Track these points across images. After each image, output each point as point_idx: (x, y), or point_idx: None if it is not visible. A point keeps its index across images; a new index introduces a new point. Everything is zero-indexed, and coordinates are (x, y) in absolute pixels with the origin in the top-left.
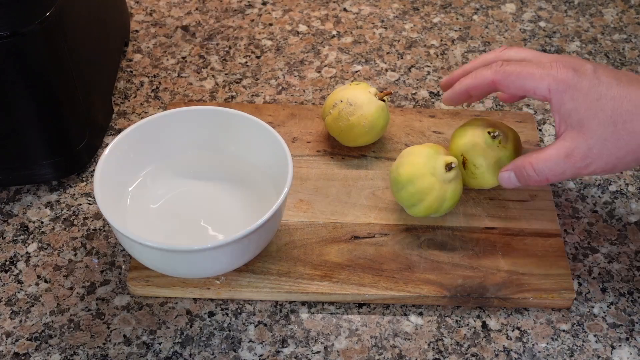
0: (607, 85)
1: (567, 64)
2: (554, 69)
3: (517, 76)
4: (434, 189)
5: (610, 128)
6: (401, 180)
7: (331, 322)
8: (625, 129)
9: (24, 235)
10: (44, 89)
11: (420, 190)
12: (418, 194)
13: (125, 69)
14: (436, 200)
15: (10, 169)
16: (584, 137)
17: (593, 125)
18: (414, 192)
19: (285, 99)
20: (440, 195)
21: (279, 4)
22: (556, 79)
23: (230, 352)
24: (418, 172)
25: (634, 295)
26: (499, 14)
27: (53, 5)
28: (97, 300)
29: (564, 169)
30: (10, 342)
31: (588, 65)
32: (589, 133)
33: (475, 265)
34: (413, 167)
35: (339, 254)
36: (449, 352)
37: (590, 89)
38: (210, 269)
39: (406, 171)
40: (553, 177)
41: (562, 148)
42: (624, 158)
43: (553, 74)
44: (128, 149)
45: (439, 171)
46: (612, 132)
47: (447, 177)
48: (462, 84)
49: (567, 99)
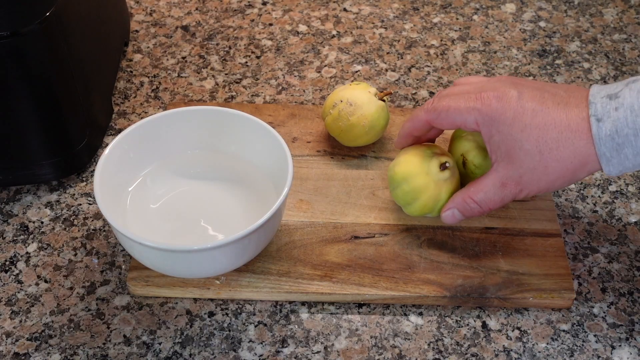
0: (532, 114)
1: (492, 93)
2: (478, 101)
3: (446, 113)
4: (429, 188)
5: (537, 157)
6: (396, 179)
7: (331, 322)
8: (552, 157)
9: (24, 235)
10: (44, 89)
11: (415, 189)
12: (412, 193)
13: (125, 69)
14: (431, 200)
15: (10, 169)
16: (514, 167)
17: (520, 156)
18: (409, 190)
19: (285, 99)
20: (435, 194)
21: (279, 4)
22: (481, 112)
23: (230, 352)
24: (413, 170)
25: (634, 295)
26: (499, 14)
27: (53, 5)
28: (97, 300)
29: (501, 196)
30: (10, 342)
31: (513, 92)
32: (518, 163)
33: (475, 265)
34: (408, 166)
35: (339, 254)
36: (449, 352)
37: (515, 120)
38: (210, 269)
39: (401, 170)
40: (494, 205)
41: (496, 178)
42: (554, 182)
43: (478, 108)
44: (128, 149)
45: (433, 170)
46: (539, 160)
47: (441, 177)
48: (404, 128)
49: (494, 132)
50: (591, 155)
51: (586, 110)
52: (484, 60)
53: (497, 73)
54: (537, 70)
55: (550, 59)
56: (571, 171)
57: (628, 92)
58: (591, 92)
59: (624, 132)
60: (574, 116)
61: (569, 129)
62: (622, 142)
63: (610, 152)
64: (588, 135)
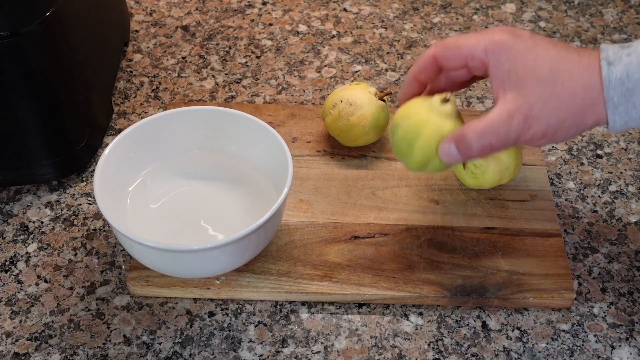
0: (544, 47)
1: (504, 29)
2: (489, 33)
3: (454, 45)
4: (430, 122)
5: (550, 87)
6: (396, 120)
7: (331, 322)
8: (565, 89)
9: (24, 235)
10: (44, 88)
11: (415, 123)
12: (414, 129)
13: (125, 69)
14: (433, 135)
15: (10, 169)
16: (525, 97)
17: (532, 85)
18: (409, 125)
19: (285, 99)
20: (438, 128)
21: (279, 4)
22: (492, 40)
23: (230, 352)
24: (413, 108)
25: (634, 295)
26: (499, 14)
27: (53, 5)
28: (97, 300)
29: (507, 130)
30: (10, 342)
31: (525, 31)
32: (529, 92)
33: (475, 265)
34: (408, 106)
35: (339, 254)
36: (449, 352)
37: (527, 50)
38: (210, 269)
39: (401, 111)
40: (497, 141)
41: (504, 110)
42: (564, 121)
43: (489, 37)
44: (128, 149)
45: (435, 104)
46: (551, 91)
47: (443, 110)
48: (409, 73)
49: (505, 60)
50: (600, 98)
51: (598, 56)
52: None
53: None
54: None
55: None
56: (581, 110)
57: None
58: (602, 45)
59: (635, 77)
60: (586, 58)
61: (581, 65)
62: (632, 88)
63: (618, 97)
64: (599, 76)
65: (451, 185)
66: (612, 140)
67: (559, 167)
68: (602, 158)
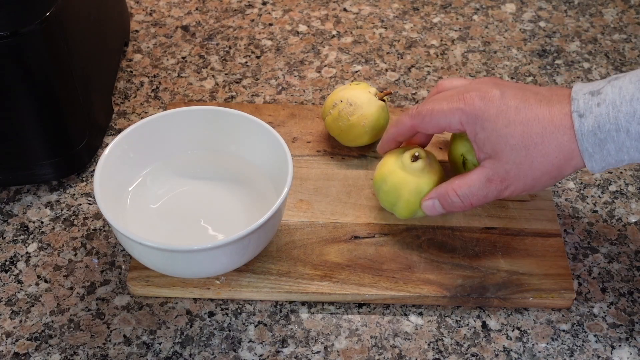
0: (515, 110)
1: (475, 94)
2: (461, 101)
3: (430, 116)
4: (407, 182)
5: (523, 152)
6: (377, 182)
7: (331, 322)
8: (537, 152)
9: (24, 235)
10: (44, 88)
11: (394, 186)
12: (393, 191)
13: (125, 69)
14: (412, 194)
15: (10, 169)
16: (500, 163)
17: (506, 151)
18: (389, 189)
19: (285, 99)
20: (415, 187)
21: (279, 4)
22: (464, 112)
23: (230, 352)
24: (388, 169)
25: (634, 295)
26: (499, 14)
27: (53, 5)
28: (97, 300)
29: (486, 192)
30: (10, 342)
31: (495, 92)
32: (504, 158)
33: (475, 265)
34: (384, 166)
35: (339, 254)
36: (449, 352)
37: (499, 116)
38: (210, 269)
39: (379, 172)
40: (477, 201)
41: (482, 174)
42: (540, 178)
43: (461, 108)
44: (128, 149)
45: (406, 163)
46: (525, 155)
47: (415, 168)
48: (387, 133)
49: (479, 129)
50: (575, 151)
51: (569, 106)
52: (484, 60)
53: (497, 73)
54: (537, 70)
55: (550, 59)
56: (556, 167)
57: (610, 89)
58: (574, 90)
59: (605, 128)
60: (556, 112)
61: (553, 124)
62: (604, 138)
63: (592, 147)
64: (571, 130)
65: None
66: None
67: None
68: None
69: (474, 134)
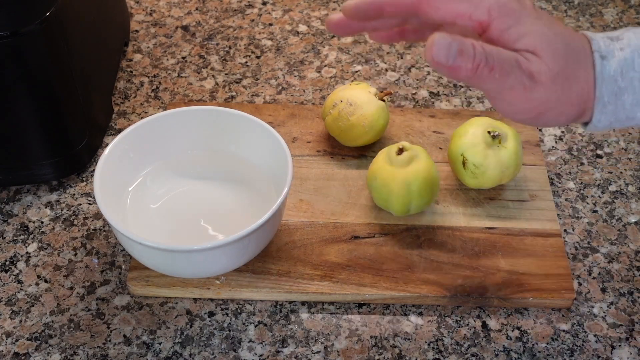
0: (552, 20)
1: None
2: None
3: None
4: (396, 176)
5: (562, 62)
6: (369, 181)
7: (331, 322)
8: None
9: (24, 235)
10: (44, 89)
11: (384, 181)
12: (384, 187)
13: (125, 69)
14: (402, 187)
15: (10, 169)
16: (536, 58)
17: (548, 52)
18: (379, 186)
19: (285, 99)
20: (404, 180)
21: (279, 4)
22: (498, 2)
23: (230, 352)
24: (378, 166)
25: (634, 295)
26: None
27: (53, 5)
28: (97, 300)
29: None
30: (10, 342)
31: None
32: (544, 56)
33: (475, 265)
34: (374, 164)
35: (339, 254)
36: (449, 352)
37: (539, 18)
38: (210, 269)
39: (370, 170)
40: (493, 69)
41: (515, 55)
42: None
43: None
44: (128, 149)
45: (392, 157)
46: (563, 65)
47: (402, 161)
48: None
49: (513, 22)
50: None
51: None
52: None
53: None
54: None
55: None
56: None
57: (633, 35)
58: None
59: (629, 75)
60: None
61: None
62: (624, 87)
63: (609, 96)
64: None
65: (451, 185)
66: (612, 140)
67: (559, 167)
68: (602, 158)
69: (504, 26)
